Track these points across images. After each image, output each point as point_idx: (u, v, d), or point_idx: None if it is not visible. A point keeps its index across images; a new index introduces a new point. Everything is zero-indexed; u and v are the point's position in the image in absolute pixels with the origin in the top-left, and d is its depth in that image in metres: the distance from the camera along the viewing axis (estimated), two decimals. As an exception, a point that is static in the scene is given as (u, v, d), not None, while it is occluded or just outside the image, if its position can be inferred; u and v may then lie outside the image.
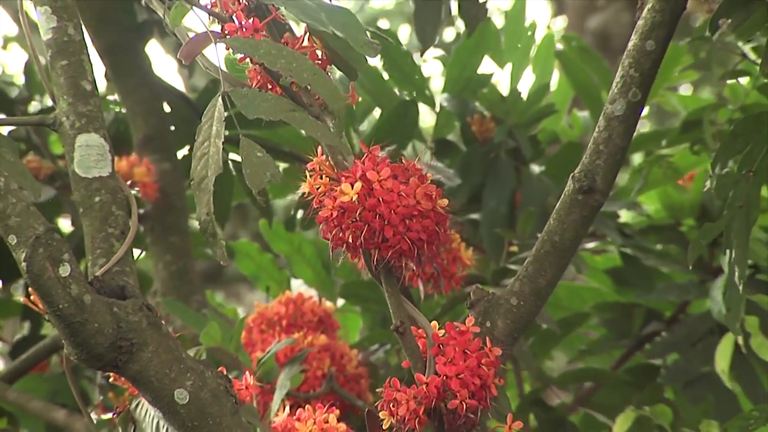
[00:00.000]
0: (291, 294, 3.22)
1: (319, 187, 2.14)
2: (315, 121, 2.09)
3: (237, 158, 3.16)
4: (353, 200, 2.06)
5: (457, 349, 2.08)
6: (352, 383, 3.02)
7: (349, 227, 2.08)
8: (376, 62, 3.79)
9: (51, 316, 2.02)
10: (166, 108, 3.91)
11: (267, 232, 3.91)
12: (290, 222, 3.80)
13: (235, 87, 2.09)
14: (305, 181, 2.15)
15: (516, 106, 3.67)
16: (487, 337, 2.11)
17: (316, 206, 2.13)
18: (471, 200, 3.58)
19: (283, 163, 3.80)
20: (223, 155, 2.02)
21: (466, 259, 2.63)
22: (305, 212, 3.49)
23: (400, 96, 3.73)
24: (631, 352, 3.86)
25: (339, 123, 2.14)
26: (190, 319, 3.22)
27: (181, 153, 3.80)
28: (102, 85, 4.30)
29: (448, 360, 2.07)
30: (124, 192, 2.21)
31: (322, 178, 2.15)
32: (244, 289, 7.14)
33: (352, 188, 2.07)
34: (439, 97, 3.76)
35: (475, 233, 3.58)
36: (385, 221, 2.07)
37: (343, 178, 2.09)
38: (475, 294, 2.24)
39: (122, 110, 3.99)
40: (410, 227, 2.09)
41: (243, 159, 2.01)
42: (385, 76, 3.75)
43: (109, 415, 2.69)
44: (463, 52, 3.73)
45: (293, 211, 3.81)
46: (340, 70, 2.25)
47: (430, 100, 3.77)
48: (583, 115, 4.05)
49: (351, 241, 2.09)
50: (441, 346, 2.09)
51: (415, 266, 2.18)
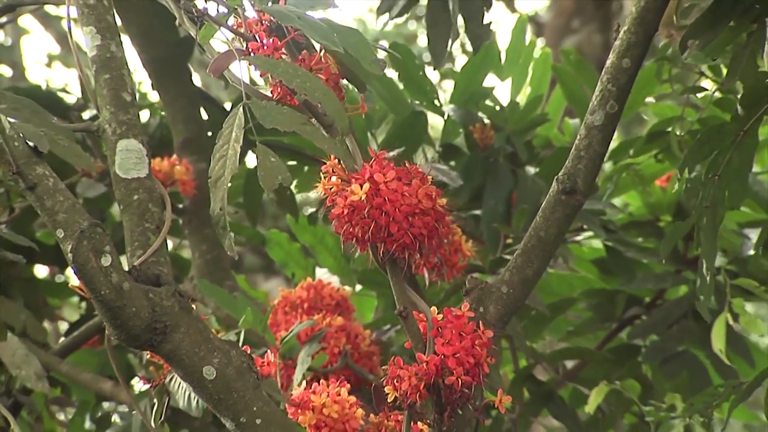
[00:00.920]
0: (312, 280, 3.22)
1: (332, 188, 2.14)
2: (323, 134, 2.10)
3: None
4: (362, 199, 2.07)
5: (454, 331, 2.08)
6: (365, 360, 3.02)
7: (358, 223, 2.09)
8: (392, 74, 3.79)
9: (94, 301, 2.03)
10: (203, 115, 3.91)
11: (294, 225, 3.91)
12: (312, 216, 3.80)
13: (257, 99, 2.09)
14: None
15: (513, 116, 3.66)
16: (481, 321, 2.11)
17: (329, 204, 2.13)
18: (473, 198, 3.58)
19: (307, 164, 3.81)
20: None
21: (466, 251, 2.63)
22: (321, 209, 3.52)
23: (413, 104, 3.73)
24: (614, 333, 3.86)
25: (344, 135, 2.14)
26: (223, 300, 3.22)
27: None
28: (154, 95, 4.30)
29: (446, 341, 2.07)
30: (160, 191, 2.21)
31: (334, 179, 2.15)
32: (260, 278, 7.14)
33: (361, 189, 2.07)
34: (447, 107, 3.75)
35: (476, 227, 3.58)
36: (390, 218, 2.08)
37: (353, 180, 2.10)
38: (470, 283, 2.25)
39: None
40: (413, 223, 2.10)
41: (258, 163, 2.01)
42: (400, 86, 3.75)
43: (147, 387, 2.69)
44: (469, 69, 3.73)
45: (316, 208, 3.81)
46: (350, 83, 2.25)
47: (438, 109, 3.77)
48: (574, 122, 4.04)
49: (360, 236, 2.10)
50: (439, 328, 2.09)
51: (417, 258, 2.18)
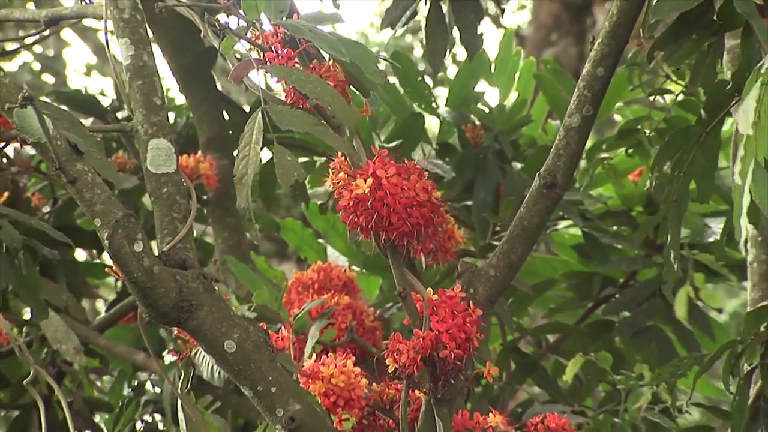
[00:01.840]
0: (322, 264, 3.22)
1: (340, 182, 2.14)
2: (333, 133, 2.10)
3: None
4: (366, 192, 2.07)
5: (447, 310, 2.08)
6: (369, 334, 3.01)
7: (363, 214, 2.09)
8: (394, 80, 3.79)
9: (127, 282, 2.04)
10: (225, 116, 3.91)
11: (308, 213, 3.91)
12: (322, 207, 3.80)
13: (273, 103, 2.10)
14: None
15: (501, 118, 3.66)
16: (471, 301, 2.11)
17: (336, 197, 2.13)
18: (464, 191, 3.57)
19: (320, 159, 3.81)
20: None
21: (459, 237, 2.61)
22: (330, 201, 3.52)
23: (412, 107, 3.73)
24: (591, 310, 3.85)
25: (352, 135, 2.14)
26: (245, 277, 3.23)
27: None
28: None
29: (440, 319, 2.07)
30: (186, 184, 2.21)
31: (342, 174, 2.15)
32: (274, 262, 7.16)
33: (365, 183, 2.07)
34: (442, 110, 3.75)
35: (468, 217, 3.58)
36: (391, 209, 2.08)
37: (358, 175, 2.10)
38: (461, 267, 2.26)
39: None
40: (411, 214, 2.10)
41: (276, 161, 2.02)
42: (401, 91, 3.74)
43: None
44: (462, 75, 3.73)
45: (325, 200, 3.81)
46: (355, 89, 2.25)
47: (435, 111, 3.76)
48: (556, 123, 4.03)
49: (364, 225, 2.10)
50: (434, 307, 2.09)
51: (415, 244, 2.18)
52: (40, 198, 3.64)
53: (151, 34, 3.82)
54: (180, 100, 4.37)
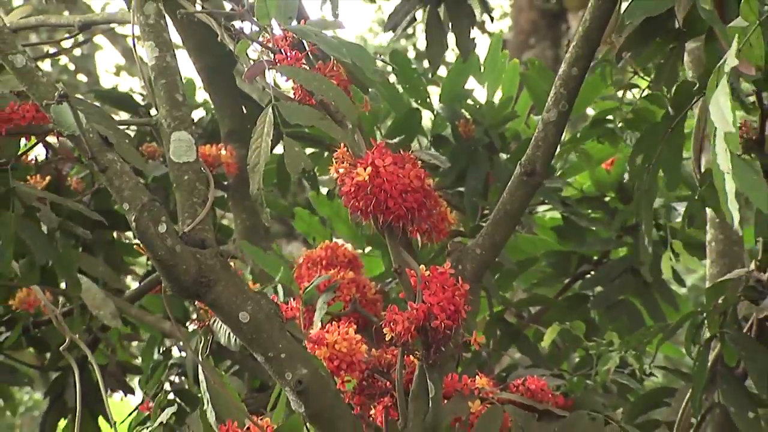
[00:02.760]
0: (330, 243, 3.21)
1: (342, 170, 2.13)
2: (336, 126, 2.09)
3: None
4: (365, 180, 2.06)
5: (438, 284, 2.07)
6: (370, 305, 2.99)
7: (363, 198, 2.08)
8: (393, 78, 3.78)
9: (152, 260, 2.03)
10: (245, 111, 3.91)
11: (314, 200, 3.90)
12: (330, 193, 3.80)
13: (283, 100, 2.09)
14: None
15: (490, 113, 3.64)
16: (459, 277, 2.10)
17: (339, 183, 2.12)
18: (457, 179, 3.56)
19: (327, 151, 3.80)
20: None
21: (451, 219, 2.60)
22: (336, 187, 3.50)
23: (410, 103, 3.71)
24: (569, 285, 3.85)
25: (353, 128, 2.13)
26: (259, 258, 3.22)
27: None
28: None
29: (432, 292, 2.06)
30: (205, 172, 2.20)
31: (344, 163, 2.14)
32: (283, 242, 7.18)
33: (365, 171, 2.06)
34: (436, 105, 3.73)
35: (460, 201, 3.56)
36: (388, 194, 2.07)
37: (359, 164, 2.09)
38: (451, 246, 2.25)
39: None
40: (405, 199, 2.09)
41: (285, 152, 2.01)
42: (400, 89, 3.73)
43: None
44: (454, 74, 3.71)
45: (333, 186, 3.80)
46: (356, 87, 2.24)
47: (430, 107, 3.75)
48: (537, 118, 4.01)
49: (364, 208, 2.10)
50: (427, 282, 2.08)
51: (411, 226, 2.17)
52: (79, 182, 3.63)
53: (178, 38, 3.85)
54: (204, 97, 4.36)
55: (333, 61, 2.18)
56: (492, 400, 2.26)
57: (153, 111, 3.92)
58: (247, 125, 3.86)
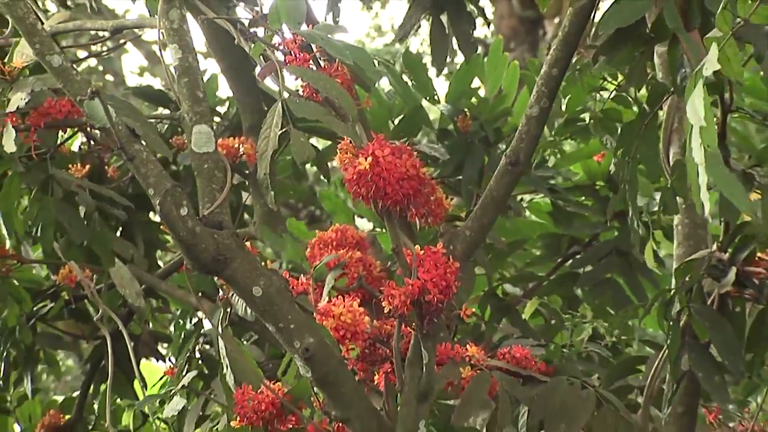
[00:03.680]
0: (339, 226, 3.24)
1: (346, 160, 2.16)
2: (339, 121, 2.13)
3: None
4: (366, 168, 2.08)
5: (431, 263, 2.10)
6: (376, 282, 3.02)
7: (364, 185, 2.11)
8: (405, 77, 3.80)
9: (175, 240, 2.07)
10: (264, 107, 3.93)
11: (320, 194, 3.94)
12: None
13: (292, 96, 2.12)
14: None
15: (485, 109, 3.67)
16: (451, 256, 2.13)
17: (343, 171, 2.16)
18: (456, 169, 3.57)
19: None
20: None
21: (446, 204, 2.63)
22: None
23: (419, 99, 3.73)
24: (560, 264, 3.85)
25: (354, 122, 2.16)
26: (273, 241, 3.25)
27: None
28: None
29: (425, 270, 2.09)
30: (223, 161, 2.24)
31: (347, 154, 2.17)
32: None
33: (366, 161, 2.09)
34: (442, 104, 3.75)
35: (458, 189, 3.59)
36: (386, 182, 2.10)
37: (360, 154, 2.11)
38: (443, 229, 2.29)
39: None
40: (402, 186, 2.11)
41: (291, 141, 2.04)
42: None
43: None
44: (460, 74, 3.73)
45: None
46: (359, 85, 2.27)
47: (437, 102, 3.77)
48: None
49: (365, 194, 2.12)
50: (421, 261, 2.11)
51: (407, 210, 2.20)
52: (116, 170, 3.67)
53: (204, 41, 3.88)
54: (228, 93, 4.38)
55: (338, 62, 2.22)
56: (481, 367, 2.30)
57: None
58: (266, 120, 3.90)
